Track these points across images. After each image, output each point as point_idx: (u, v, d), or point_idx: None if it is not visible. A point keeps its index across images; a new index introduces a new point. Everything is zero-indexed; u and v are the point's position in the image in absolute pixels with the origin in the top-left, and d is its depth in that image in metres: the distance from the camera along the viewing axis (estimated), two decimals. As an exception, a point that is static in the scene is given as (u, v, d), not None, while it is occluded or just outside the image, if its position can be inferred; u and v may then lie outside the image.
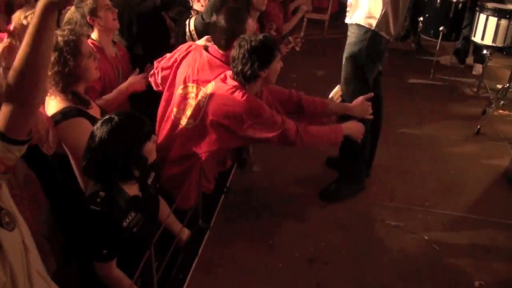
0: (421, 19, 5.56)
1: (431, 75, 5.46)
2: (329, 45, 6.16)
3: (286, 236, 2.92)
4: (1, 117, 1.24)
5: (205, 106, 2.45)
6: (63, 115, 1.98)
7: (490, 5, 4.54)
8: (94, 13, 2.57)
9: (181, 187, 2.46)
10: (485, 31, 4.52)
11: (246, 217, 3.06)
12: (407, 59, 6.12)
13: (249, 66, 2.35)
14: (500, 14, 4.41)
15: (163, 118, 2.71)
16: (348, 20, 2.96)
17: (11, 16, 2.54)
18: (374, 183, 3.45)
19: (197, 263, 2.64)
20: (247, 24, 2.63)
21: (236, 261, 2.71)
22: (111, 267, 1.84)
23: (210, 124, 2.45)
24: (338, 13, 6.51)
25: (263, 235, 2.91)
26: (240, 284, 2.58)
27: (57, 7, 1.25)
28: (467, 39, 5.28)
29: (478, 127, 4.22)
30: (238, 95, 2.38)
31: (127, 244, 1.86)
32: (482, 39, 4.56)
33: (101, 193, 1.75)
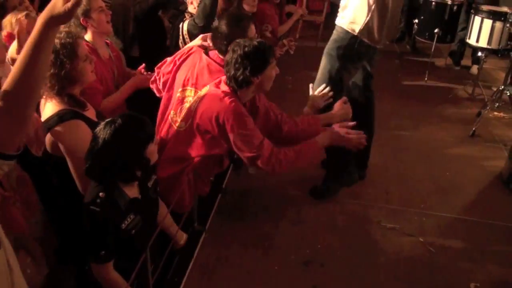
0: (416, 21, 5.59)
1: (426, 77, 5.47)
2: (325, 47, 6.17)
3: (282, 238, 2.92)
4: None
5: (195, 110, 2.42)
6: (59, 118, 1.97)
7: (485, 8, 4.56)
8: (87, 14, 2.56)
9: (171, 190, 2.44)
10: (480, 33, 4.54)
11: (242, 219, 3.07)
12: (402, 61, 6.14)
13: (241, 72, 2.28)
14: (495, 16, 4.43)
15: (162, 120, 2.70)
16: (336, 21, 3.02)
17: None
18: (369, 185, 3.46)
19: (192, 266, 2.64)
20: (249, 30, 2.57)
21: (232, 263, 2.71)
22: (108, 268, 1.84)
23: (196, 128, 2.42)
24: (331, 14, 6.51)
25: (259, 237, 2.91)
26: (236, 286, 2.58)
27: (59, 23, 1.15)
28: (463, 41, 5.30)
29: (473, 129, 4.24)
30: (225, 101, 2.31)
31: (125, 246, 1.85)
32: (477, 41, 4.58)
33: (101, 194, 1.75)
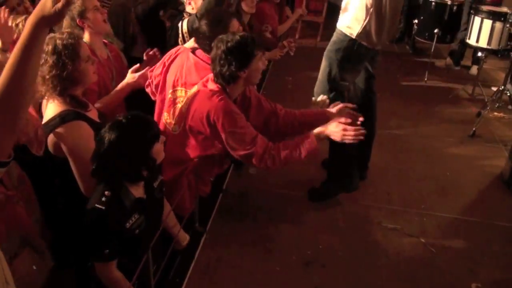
0: (416, 21, 5.59)
1: (426, 77, 5.47)
2: (324, 47, 6.17)
3: (283, 239, 2.92)
4: None
5: (187, 112, 2.40)
6: (61, 119, 1.97)
7: (485, 8, 4.56)
8: (83, 15, 2.54)
9: (172, 193, 2.43)
10: (480, 33, 4.54)
11: (243, 220, 3.06)
12: (402, 62, 6.14)
13: (227, 68, 2.25)
14: (494, 16, 4.43)
15: (158, 123, 2.69)
16: (337, 24, 3.03)
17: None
18: (370, 185, 3.46)
19: (194, 267, 2.64)
20: (230, 26, 2.54)
21: (233, 264, 2.71)
22: (112, 267, 1.84)
23: (189, 130, 2.41)
24: (331, 14, 6.51)
25: (260, 238, 2.91)
26: (237, 287, 2.58)
27: (50, 24, 1.14)
28: (464, 42, 5.29)
29: (473, 129, 4.24)
30: (214, 100, 2.29)
31: (128, 246, 1.86)
32: (477, 41, 4.58)
33: (107, 192, 1.76)
